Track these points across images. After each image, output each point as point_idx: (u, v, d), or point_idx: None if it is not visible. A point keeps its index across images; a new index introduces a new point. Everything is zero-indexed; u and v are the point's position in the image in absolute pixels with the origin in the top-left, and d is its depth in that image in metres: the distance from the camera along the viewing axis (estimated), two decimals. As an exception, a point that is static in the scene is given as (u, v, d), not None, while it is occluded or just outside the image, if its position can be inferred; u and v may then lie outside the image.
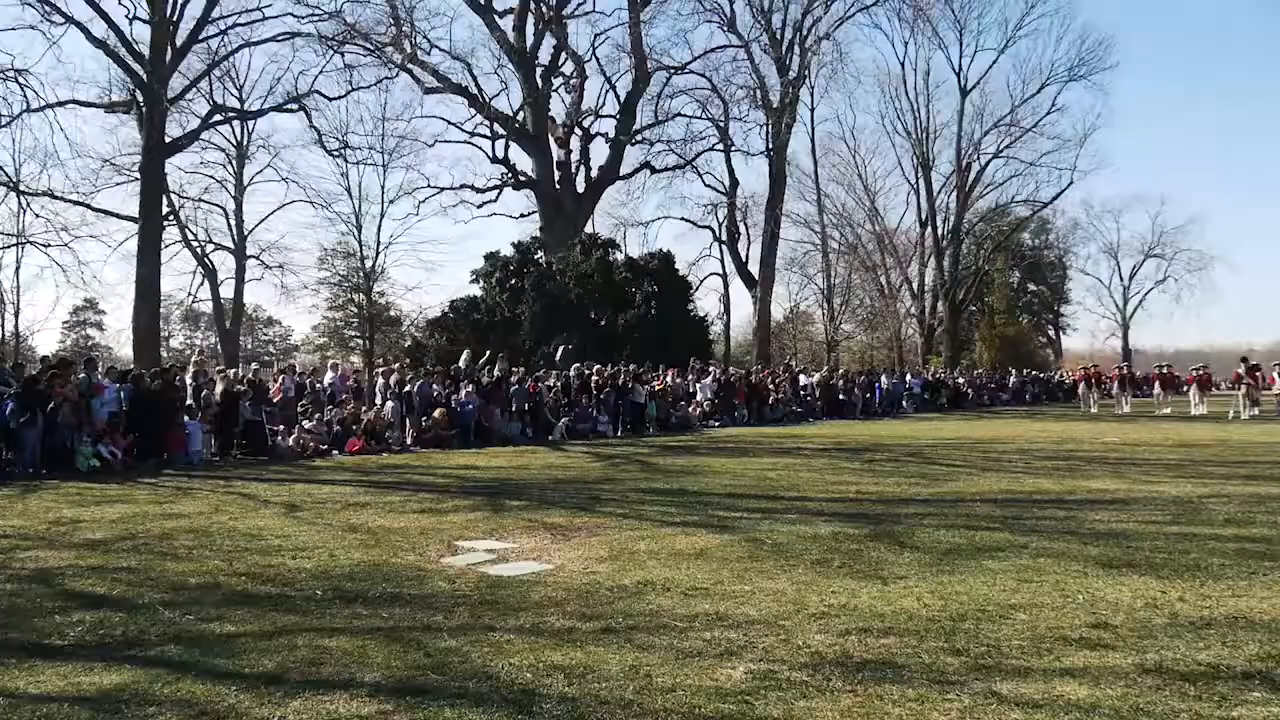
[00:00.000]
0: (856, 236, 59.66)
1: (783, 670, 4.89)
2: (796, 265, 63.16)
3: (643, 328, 36.13)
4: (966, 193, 57.85)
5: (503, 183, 47.17)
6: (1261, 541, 8.41)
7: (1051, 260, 78.18)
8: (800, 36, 49.56)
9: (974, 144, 57.20)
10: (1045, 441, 21.32)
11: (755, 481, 13.86)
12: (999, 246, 64.83)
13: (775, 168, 50.36)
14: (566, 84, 47.55)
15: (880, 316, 63.63)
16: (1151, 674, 4.79)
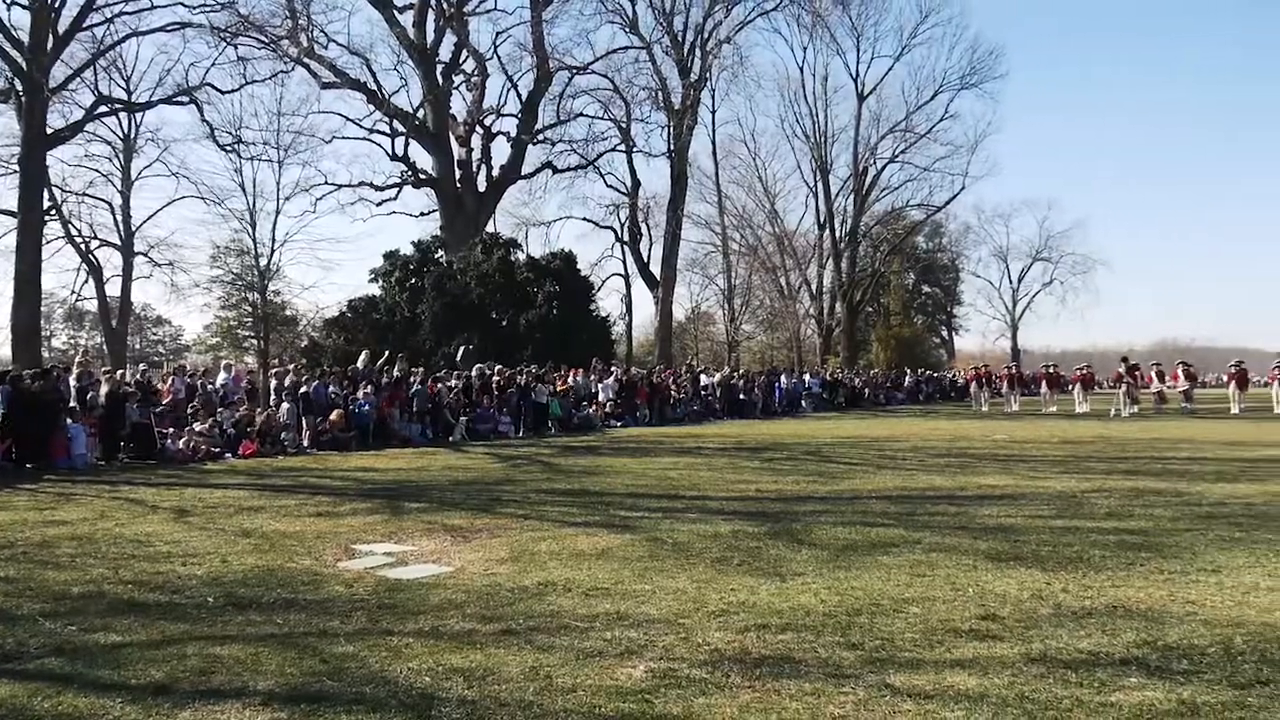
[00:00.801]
0: (757, 238, 60.50)
1: (683, 668, 4.92)
2: (698, 266, 63.84)
3: (544, 328, 36.02)
4: (863, 196, 59.08)
5: (402, 181, 46.53)
6: (1139, 534, 8.75)
7: (945, 263, 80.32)
8: (701, 39, 50.06)
9: (871, 149, 58.53)
10: (938, 439, 21.87)
11: (657, 481, 13.93)
12: (895, 249, 66.32)
13: (677, 169, 50.72)
14: (468, 82, 47.16)
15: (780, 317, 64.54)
16: (1036, 663, 4.94)
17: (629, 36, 49.87)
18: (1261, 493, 11.47)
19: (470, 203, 45.42)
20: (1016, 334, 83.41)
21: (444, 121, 45.26)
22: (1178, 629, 5.53)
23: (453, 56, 46.02)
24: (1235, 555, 7.65)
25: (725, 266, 60.68)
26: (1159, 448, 18.64)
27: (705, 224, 59.20)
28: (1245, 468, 14.55)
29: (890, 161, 59.42)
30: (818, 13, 54.06)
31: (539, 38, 46.11)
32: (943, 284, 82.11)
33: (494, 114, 47.87)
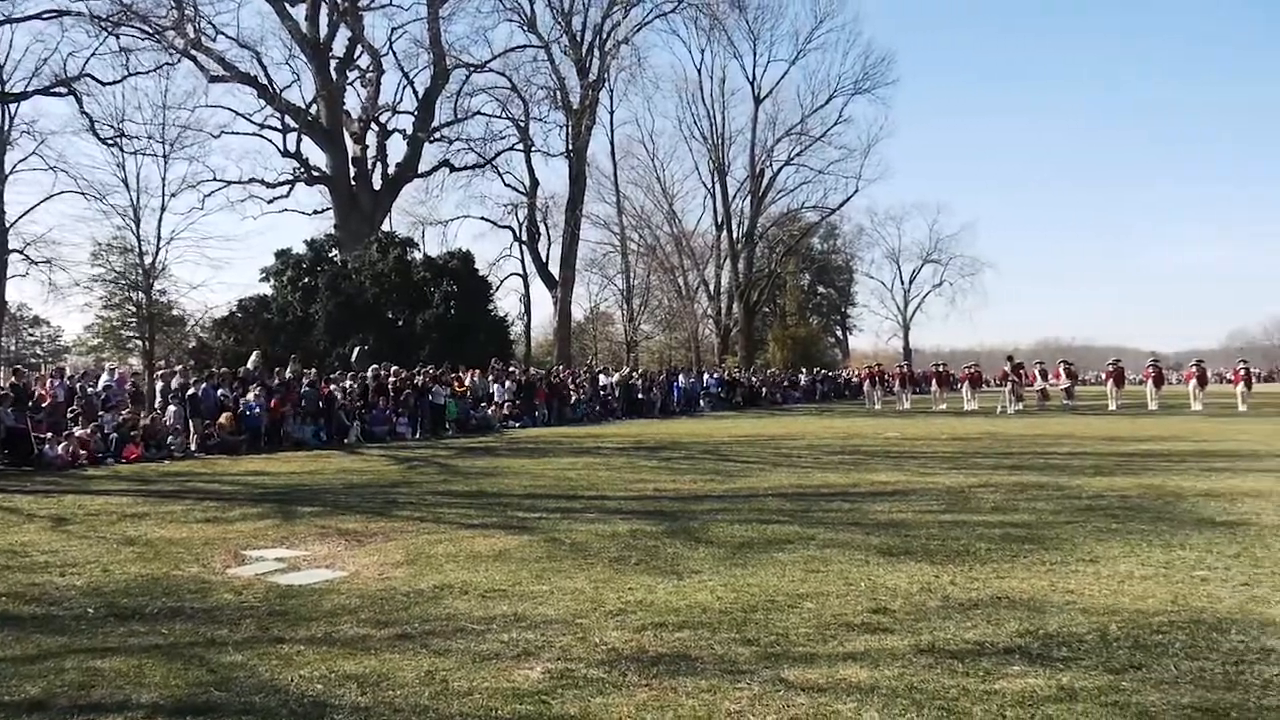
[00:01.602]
0: (655, 238, 60.85)
1: (580, 668, 4.92)
2: (596, 266, 63.90)
3: (441, 328, 35.65)
4: (760, 198, 59.88)
5: (295, 178, 45.49)
6: (1023, 527, 9.05)
7: (839, 264, 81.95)
8: (600, 39, 50.07)
9: (767, 151, 59.38)
10: (832, 437, 22.29)
11: (555, 481, 13.90)
12: (790, 250, 67.34)
13: (575, 169, 50.66)
14: (362, 78, 46.42)
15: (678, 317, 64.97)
16: (925, 654, 5.07)
17: (527, 35, 49.68)
18: (1136, 485, 11.96)
19: (365, 201, 44.65)
20: (908, 334, 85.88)
21: (338, 118, 44.41)
22: (1057, 618, 5.73)
23: (347, 52, 45.20)
24: (1111, 546, 7.96)
25: (624, 267, 60.94)
26: (1042, 443, 19.31)
27: (604, 224, 59.38)
28: (1121, 462, 15.16)
29: (786, 164, 60.53)
30: (715, 16, 54.59)
31: (436, 34, 45.58)
32: (837, 285, 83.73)
33: (389, 111, 47.27)
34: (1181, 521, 9.18)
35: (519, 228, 54.75)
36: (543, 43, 49.24)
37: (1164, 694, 4.39)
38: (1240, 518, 9.31)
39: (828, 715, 4.21)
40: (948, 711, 4.22)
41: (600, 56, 50.30)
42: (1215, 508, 10.00)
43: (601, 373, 38.14)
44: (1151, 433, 21.79)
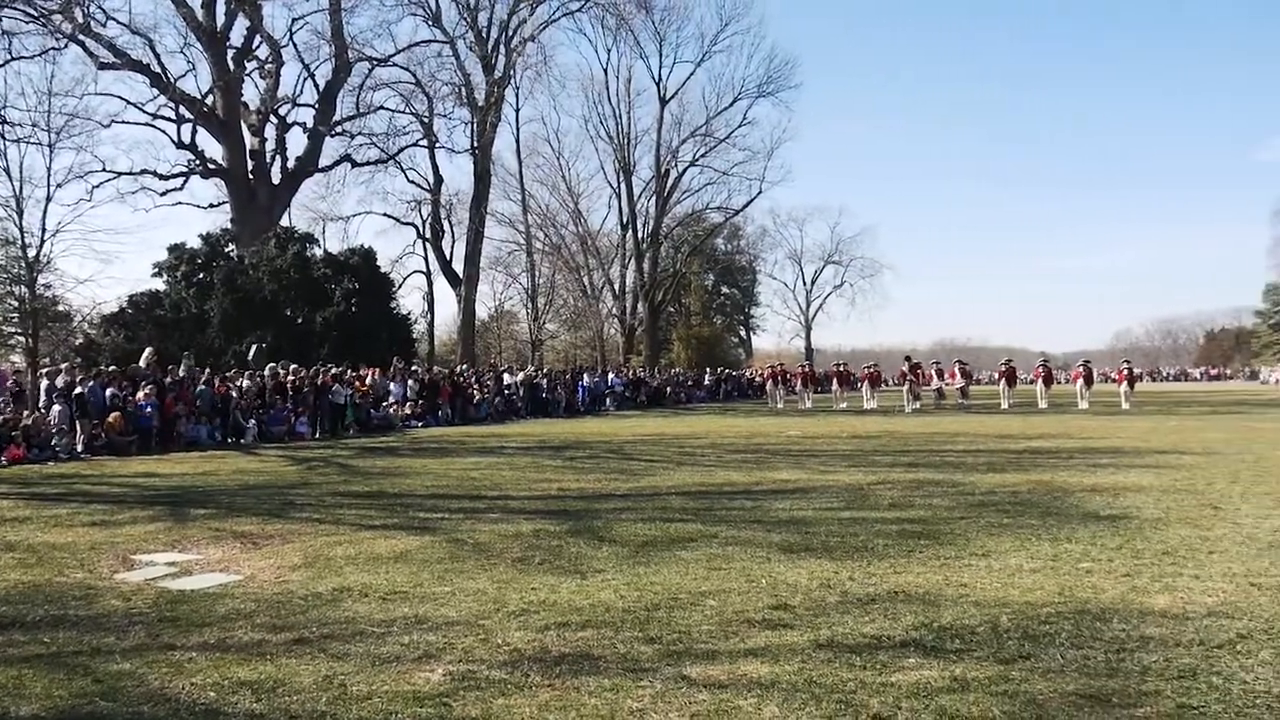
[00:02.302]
0: (560, 237, 60.66)
1: (482, 670, 4.88)
2: (501, 264, 63.48)
3: (342, 326, 35.05)
4: (665, 198, 60.16)
5: (189, 170, 44.18)
6: (919, 523, 9.26)
7: (743, 265, 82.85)
8: (506, 36, 49.78)
9: (672, 152, 59.67)
10: (735, 436, 22.52)
11: (458, 481, 13.77)
12: (695, 250, 67.87)
13: (480, 166, 50.26)
14: (261, 69, 45.30)
15: (583, 316, 64.97)
16: (824, 648, 5.16)
17: (432, 30, 49.14)
18: (1026, 481, 12.35)
19: (263, 195, 43.62)
20: (810, 334, 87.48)
21: (235, 109, 43.29)
22: (951, 611, 5.88)
23: (245, 42, 44.11)
24: (1003, 540, 8.20)
25: (529, 265, 60.63)
26: (937, 441, 19.79)
27: (509, 222, 58.99)
28: (1013, 459, 15.63)
29: (691, 165, 60.91)
30: (621, 16, 54.72)
31: (338, 26, 44.77)
32: (741, 285, 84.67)
33: (289, 103, 46.21)
34: (1068, 516, 9.50)
35: (422, 225, 54.21)
36: (448, 38, 48.77)
37: (1051, 682, 4.54)
38: (1122, 511, 9.68)
39: (729, 711, 4.25)
40: (845, 704, 4.30)
41: (506, 53, 50.03)
42: (1099, 502, 10.38)
43: (506, 372, 37.92)
44: (1041, 430, 22.52)
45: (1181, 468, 13.65)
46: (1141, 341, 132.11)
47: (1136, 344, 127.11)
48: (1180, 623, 5.53)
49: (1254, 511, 9.53)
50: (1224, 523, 8.91)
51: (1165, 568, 7.00)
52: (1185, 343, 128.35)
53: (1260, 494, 10.78)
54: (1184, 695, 4.34)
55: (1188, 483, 11.90)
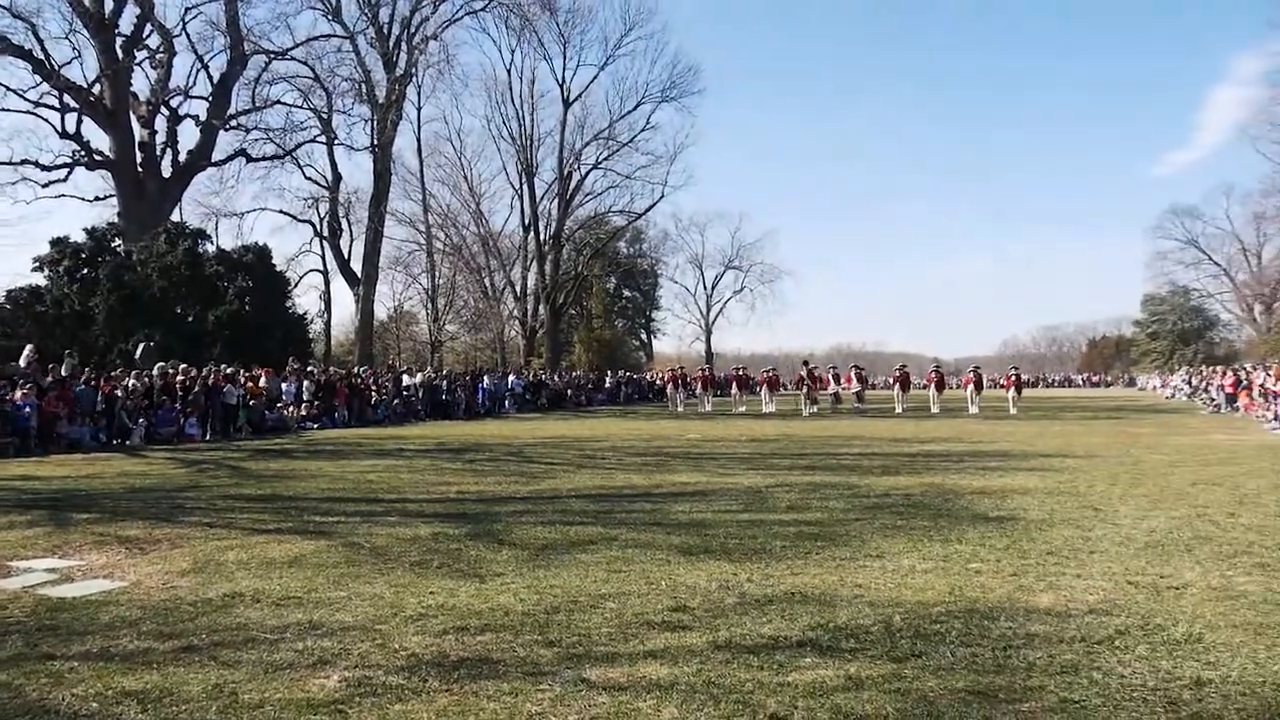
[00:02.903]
0: (461, 238, 60.13)
1: (378, 675, 4.81)
2: (401, 264, 62.64)
3: (235, 325, 34.18)
4: (568, 200, 60.09)
5: (74, 161, 42.43)
6: (815, 525, 9.42)
7: (645, 268, 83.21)
8: (408, 33, 49.16)
9: (575, 154, 59.66)
10: (636, 439, 22.60)
11: (354, 484, 13.53)
12: (597, 253, 67.86)
13: (380, 164, 49.52)
14: (152, 58, 43.84)
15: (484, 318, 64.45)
16: (723, 650, 5.21)
17: (332, 24, 48.23)
18: (919, 484, 12.66)
19: (153, 189, 42.22)
20: (710, 338, 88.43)
21: (124, 99, 41.79)
22: (846, 611, 6.00)
23: (135, 30, 42.54)
24: (896, 541, 8.40)
25: (429, 266, 59.93)
26: (834, 445, 20.16)
27: (409, 222, 58.22)
28: (906, 462, 16.01)
29: (594, 168, 60.99)
30: (526, 17, 54.54)
31: (233, 17, 43.60)
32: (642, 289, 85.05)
33: (181, 95, 44.83)
34: (958, 517, 9.77)
35: (320, 223, 53.05)
36: (348, 33, 47.95)
37: (941, 679, 4.66)
38: (1009, 513, 9.99)
39: (628, 713, 4.27)
40: (743, 704, 4.35)
41: (408, 51, 49.43)
42: (988, 504, 10.70)
43: (405, 373, 37.38)
44: (933, 434, 23.11)
45: (1065, 471, 14.16)
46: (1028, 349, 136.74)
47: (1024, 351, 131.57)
48: (1063, 620, 5.73)
49: (1132, 513, 9.93)
50: (1104, 524, 9.27)
51: (1049, 567, 7.25)
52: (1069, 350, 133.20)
53: (1138, 496, 11.25)
54: (1066, 690, 4.50)
55: (1070, 485, 12.35)
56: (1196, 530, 8.83)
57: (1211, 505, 10.41)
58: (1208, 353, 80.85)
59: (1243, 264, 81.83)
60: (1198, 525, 9.10)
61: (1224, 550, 7.87)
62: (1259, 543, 8.18)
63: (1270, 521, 9.33)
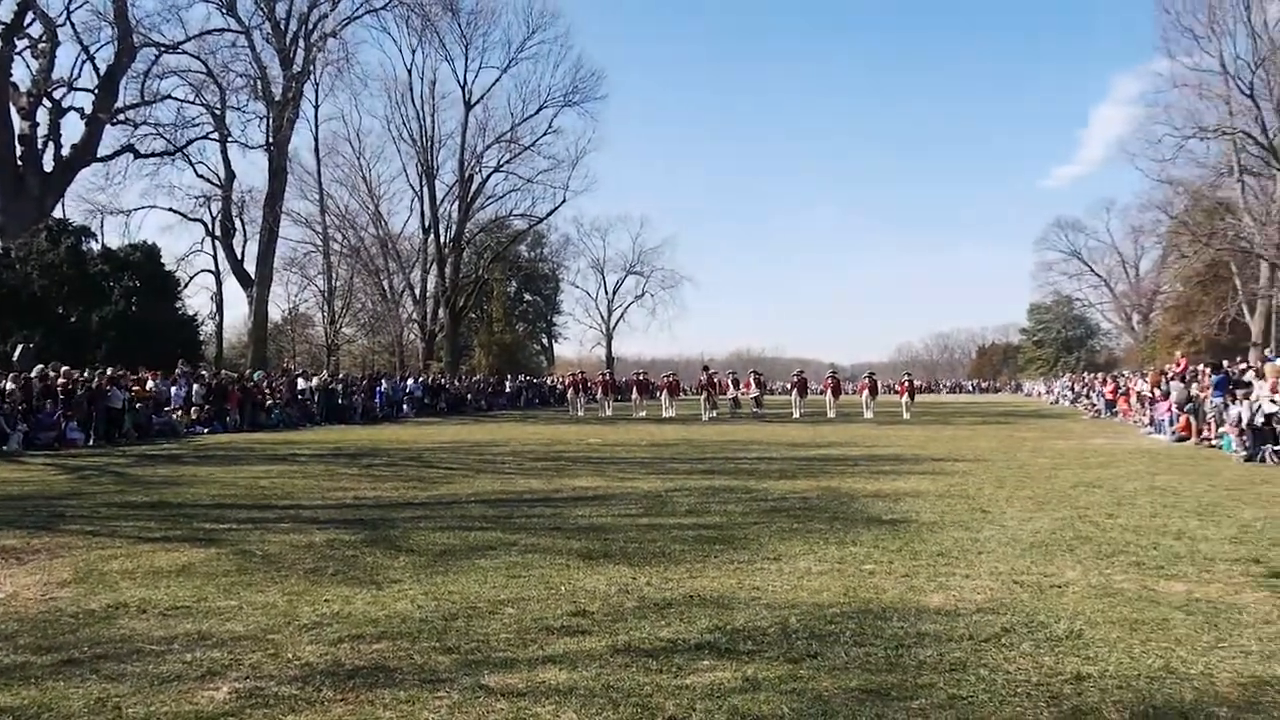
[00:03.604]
0: (360, 239, 59.02)
1: (270, 686, 4.70)
2: (296, 266, 61.18)
3: (122, 326, 33.13)
4: (469, 203, 59.59)
5: (-54, 154, 40.53)
6: (714, 528, 9.51)
7: (546, 272, 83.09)
8: (306, 30, 48.17)
9: (477, 157, 59.22)
10: (536, 444, 22.52)
11: (246, 491, 13.20)
12: (498, 257, 67.48)
13: (275, 163, 48.38)
14: (33, 48, 42.03)
15: (382, 321, 63.44)
16: (622, 653, 5.23)
17: (226, 19, 46.88)
18: (815, 488, 12.88)
19: (34, 184, 40.51)
20: (611, 342, 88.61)
21: (3, 90, 39.98)
22: (744, 613, 6.07)
23: (15, 18, 40.73)
24: (793, 544, 8.53)
25: (326, 267, 58.76)
26: (733, 449, 20.38)
27: (306, 222, 56.92)
28: (803, 466, 16.27)
29: (495, 171, 60.65)
30: (427, 17, 53.90)
31: (121, 7, 42.10)
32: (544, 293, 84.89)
33: (65, 87, 43.05)
34: (853, 520, 9.98)
35: (212, 222, 51.51)
36: (243, 28, 46.73)
37: (835, 679, 4.75)
38: (902, 515, 10.24)
39: (526, 719, 4.26)
40: (642, 707, 4.37)
41: (305, 48, 48.42)
42: (882, 506, 10.94)
43: (300, 376, 36.58)
44: (830, 439, 23.55)
45: (955, 474, 14.56)
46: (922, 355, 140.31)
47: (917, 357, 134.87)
48: (952, 619, 5.90)
49: (1017, 514, 10.27)
50: (992, 525, 9.56)
51: (940, 568, 7.45)
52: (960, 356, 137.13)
53: (1024, 498, 11.63)
54: (955, 687, 4.64)
55: (960, 488, 12.71)
56: (1078, 531, 9.17)
57: (1092, 507, 10.83)
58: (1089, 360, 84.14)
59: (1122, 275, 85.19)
60: (1079, 526, 9.45)
61: (1103, 550, 8.19)
62: (1135, 542, 8.53)
63: (1145, 522, 9.74)
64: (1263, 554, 8.00)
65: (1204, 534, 9.03)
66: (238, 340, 61.22)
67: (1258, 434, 16.91)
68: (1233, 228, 42.57)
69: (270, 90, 47.44)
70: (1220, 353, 35.68)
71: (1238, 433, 17.84)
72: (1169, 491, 12.33)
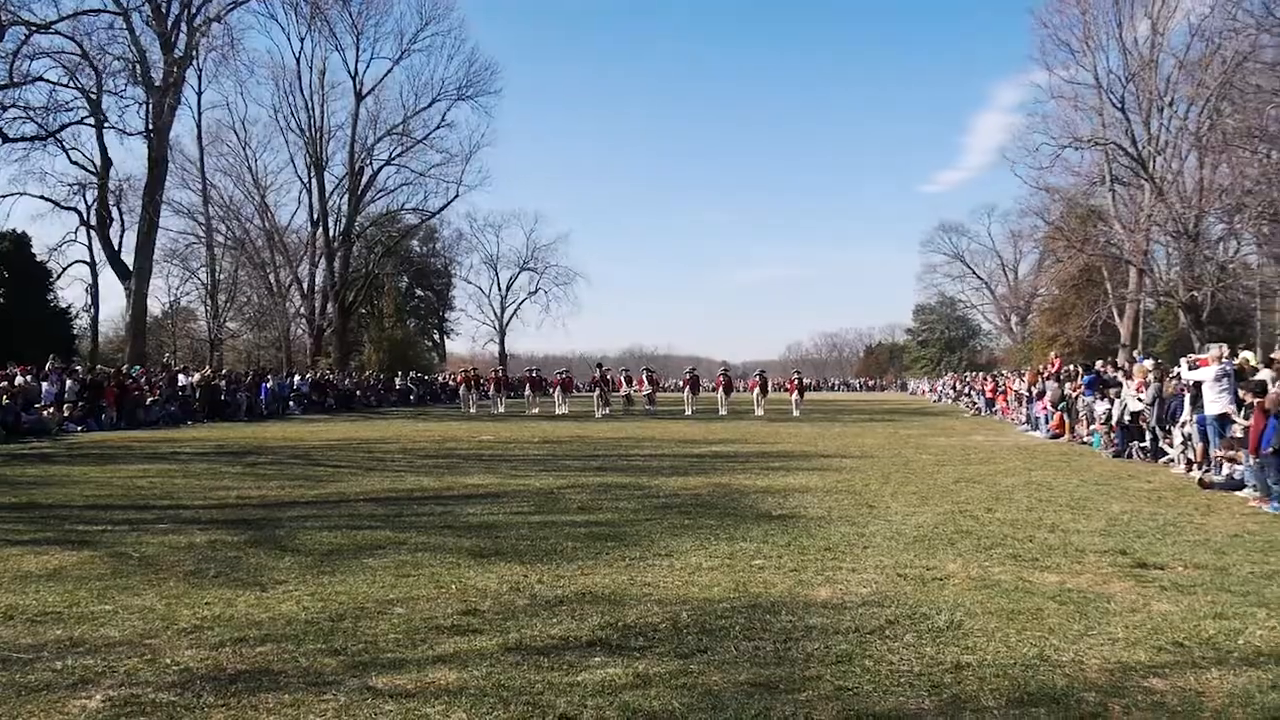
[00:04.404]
0: (245, 231, 57.27)
1: (147, 693, 4.55)
2: (178, 257, 59.27)
3: (-13, 319, 31.57)
4: (359, 196, 58.44)
5: None
6: (606, 525, 9.54)
7: (438, 268, 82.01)
8: (189, 14, 46.50)
9: (367, 149, 58.08)
10: (427, 441, 22.24)
11: (123, 491, 12.72)
12: (389, 251, 66.41)
13: (156, 151, 46.58)
14: (-111, 25, 39.82)
15: (269, 315, 61.75)
16: (513, 651, 5.21)
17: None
18: (707, 484, 13.02)
19: (-111, 168, 38.43)
20: (504, 339, 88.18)
21: None
22: (635, 610, 6.10)
23: None
24: (684, 540, 8.61)
25: (209, 260, 56.96)
26: (625, 446, 20.46)
27: (188, 213, 54.94)
28: (694, 462, 16.43)
29: (387, 164, 59.56)
30: (317, 5, 52.57)
31: (-14, -16, 40.08)
32: (436, 288, 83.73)
33: (-79, 66, 40.85)
34: (744, 516, 10.12)
35: (87, 211, 49.38)
36: (121, 9, 44.86)
37: (725, 673, 4.81)
38: (791, 511, 10.42)
39: (415, 720, 4.21)
40: (533, 706, 4.36)
41: (188, 32, 46.73)
42: (772, 503, 11.12)
43: (181, 372, 35.40)
44: (721, 436, 23.82)
45: (843, 470, 14.88)
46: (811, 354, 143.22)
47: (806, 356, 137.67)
48: (839, 612, 6.03)
49: (902, 509, 10.55)
50: (877, 520, 9.80)
51: (827, 562, 7.61)
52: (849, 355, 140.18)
53: (908, 493, 11.95)
54: (841, 678, 4.74)
55: (848, 484, 13.00)
56: (959, 525, 9.47)
57: (972, 502, 11.19)
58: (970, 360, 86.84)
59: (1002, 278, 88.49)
60: (960, 520, 9.76)
61: (982, 543, 8.47)
62: (1012, 535, 8.85)
63: (1022, 516, 10.12)
64: (1129, 545, 8.38)
65: (1075, 527, 9.42)
66: (115, 334, 59.04)
67: (1125, 431, 17.69)
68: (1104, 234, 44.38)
69: (150, 75, 45.66)
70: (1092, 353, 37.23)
71: (1106, 430, 18.63)
72: (1044, 486, 12.82)
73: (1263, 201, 30.71)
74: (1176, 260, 40.30)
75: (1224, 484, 12.57)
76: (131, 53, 45.05)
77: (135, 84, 45.91)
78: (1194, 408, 14.55)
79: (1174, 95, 40.02)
